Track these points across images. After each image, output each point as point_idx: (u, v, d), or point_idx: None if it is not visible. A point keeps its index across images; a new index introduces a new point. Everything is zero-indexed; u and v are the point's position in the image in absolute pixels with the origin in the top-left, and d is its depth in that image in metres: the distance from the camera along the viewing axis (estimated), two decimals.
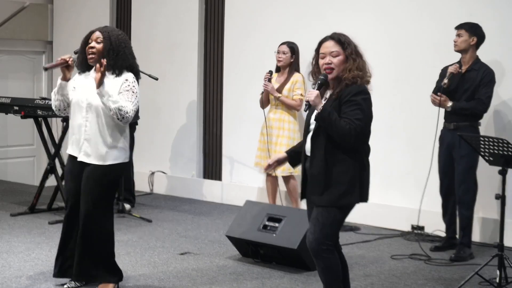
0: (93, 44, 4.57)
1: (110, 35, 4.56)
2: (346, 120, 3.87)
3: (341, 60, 3.98)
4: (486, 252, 6.00)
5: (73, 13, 9.81)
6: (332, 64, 3.98)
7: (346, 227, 6.96)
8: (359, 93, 3.96)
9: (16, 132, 9.78)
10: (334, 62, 3.98)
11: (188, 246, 6.20)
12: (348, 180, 3.96)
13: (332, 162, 3.93)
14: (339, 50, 4.00)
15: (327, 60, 3.99)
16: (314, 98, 3.89)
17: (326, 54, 4.00)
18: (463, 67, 5.98)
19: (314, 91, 3.91)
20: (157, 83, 7.48)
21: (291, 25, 7.61)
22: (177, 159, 8.79)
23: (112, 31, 4.64)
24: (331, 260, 4.01)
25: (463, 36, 5.93)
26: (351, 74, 3.95)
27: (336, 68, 3.97)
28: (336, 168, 3.93)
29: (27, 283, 5.02)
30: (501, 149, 4.75)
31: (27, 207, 7.37)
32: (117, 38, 4.58)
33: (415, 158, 6.89)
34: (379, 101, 7.14)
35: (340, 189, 3.95)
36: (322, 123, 3.91)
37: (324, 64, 3.99)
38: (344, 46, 4.01)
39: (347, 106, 3.91)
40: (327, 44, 4.03)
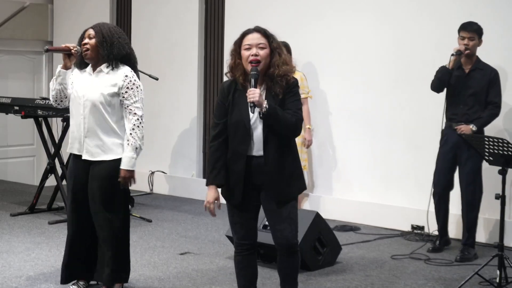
0: (86, 41, 4.55)
1: (102, 29, 4.54)
2: (289, 112, 3.87)
3: (267, 53, 3.90)
4: (486, 252, 6.00)
5: (73, 13, 9.81)
6: (259, 56, 3.87)
7: (346, 227, 6.97)
8: (296, 85, 3.96)
9: (16, 132, 9.78)
10: (261, 54, 3.88)
11: (188, 246, 6.20)
12: (298, 169, 4.04)
13: (285, 156, 3.96)
14: (266, 43, 3.91)
15: (254, 52, 3.88)
16: (259, 97, 3.77)
17: (252, 46, 3.89)
18: (465, 68, 5.93)
19: (256, 90, 3.79)
20: (157, 83, 7.48)
21: (291, 25, 7.61)
22: (177, 159, 8.79)
23: (104, 25, 4.61)
24: (299, 253, 4.09)
25: (475, 40, 5.86)
26: (282, 70, 3.88)
27: (263, 60, 3.88)
28: (289, 161, 3.97)
29: (27, 283, 5.02)
30: (501, 149, 4.75)
31: (27, 207, 7.37)
32: (109, 30, 4.55)
33: (415, 158, 6.89)
34: (379, 101, 7.18)
35: (297, 180, 4.02)
36: (271, 120, 3.84)
37: (250, 56, 3.87)
38: (269, 39, 3.93)
39: (289, 98, 3.91)
40: (253, 35, 3.92)
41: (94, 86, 4.53)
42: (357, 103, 7.29)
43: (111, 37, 4.52)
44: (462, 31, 5.90)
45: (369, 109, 7.21)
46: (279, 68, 3.88)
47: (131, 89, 4.51)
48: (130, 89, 4.50)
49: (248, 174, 3.95)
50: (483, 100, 5.87)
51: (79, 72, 4.68)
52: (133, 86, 4.51)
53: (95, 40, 4.51)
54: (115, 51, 4.52)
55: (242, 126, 3.92)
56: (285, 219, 3.95)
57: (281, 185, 3.94)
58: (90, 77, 4.59)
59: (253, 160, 3.93)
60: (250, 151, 3.93)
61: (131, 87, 4.51)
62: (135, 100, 4.51)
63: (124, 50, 4.57)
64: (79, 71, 4.68)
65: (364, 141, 7.26)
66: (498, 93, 5.89)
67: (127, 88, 4.50)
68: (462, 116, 5.89)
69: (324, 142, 7.52)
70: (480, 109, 5.87)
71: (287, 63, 3.93)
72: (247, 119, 3.91)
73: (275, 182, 3.93)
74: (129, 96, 4.50)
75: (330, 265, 5.58)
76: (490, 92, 5.86)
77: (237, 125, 3.94)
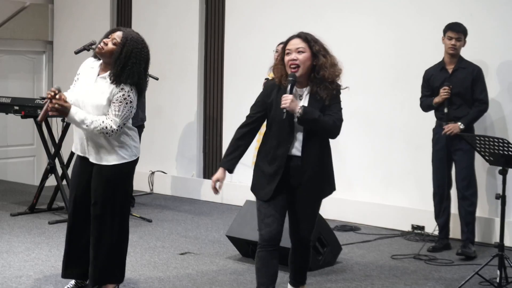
0: (107, 41, 4.40)
1: (126, 43, 4.34)
2: (330, 113, 3.99)
3: (307, 57, 3.99)
4: (486, 252, 6.00)
5: (73, 13, 9.81)
6: (297, 61, 3.97)
7: (346, 227, 6.97)
8: (339, 90, 4.11)
9: (16, 132, 9.78)
10: (300, 59, 3.97)
11: (188, 246, 6.20)
12: (332, 169, 4.23)
13: (324, 156, 4.15)
14: (305, 47, 4.00)
15: (293, 56, 3.98)
16: (290, 103, 3.91)
17: (292, 51, 4.00)
18: (449, 68, 6.02)
19: (288, 96, 3.91)
20: (157, 83, 7.48)
21: (291, 25, 7.58)
22: (177, 159, 8.79)
23: (132, 40, 4.37)
24: None
25: (462, 40, 5.96)
26: (329, 72, 3.99)
27: (302, 64, 3.98)
28: (326, 161, 4.16)
29: (27, 283, 5.01)
30: (501, 149, 4.75)
31: (27, 207, 7.37)
32: (132, 50, 4.35)
33: (415, 158, 6.89)
34: (379, 101, 7.18)
35: (331, 180, 4.22)
36: (307, 125, 3.98)
37: (289, 60, 3.98)
38: (310, 44, 4.01)
39: (333, 101, 4.05)
40: (293, 41, 4.03)
41: (95, 91, 4.46)
42: (357, 103, 7.28)
43: (127, 58, 4.34)
44: (449, 31, 5.97)
45: (369, 109, 7.21)
46: (328, 70, 3.99)
47: (119, 102, 4.37)
48: (117, 102, 4.38)
49: (287, 173, 4.08)
50: (469, 98, 5.94)
51: (89, 65, 4.56)
52: (123, 100, 4.37)
53: (114, 49, 4.36)
54: (124, 76, 4.37)
55: (285, 127, 4.04)
56: (308, 216, 4.18)
57: (318, 184, 4.13)
58: (93, 79, 4.49)
59: (293, 159, 4.07)
60: (290, 151, 4.06)
61: (120, 101, 4.37)
62: (116, 113, 4.37)
63: (133, 79, 4.40)
64: (89, 64, 4.56)
65: (364, 141, 7.27)
66: (483, 89, 5.95)
67: (115, 100, 4.38)
68: (451, 115, 5.95)
69: None
70: (467, 107, 5.94)
71: (334, 65, 4.02)
72: (291, 119, 4.00)
73: (313, 181, 4.09)
74: (113, 107, 4.38)
75: (330, 265, 5.58)
76: (475, 89, 5.93)
77: (280, 125, 4.05)
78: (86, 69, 4.59)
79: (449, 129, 5.90)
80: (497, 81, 6.39)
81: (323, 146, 4.12)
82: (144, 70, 4.48)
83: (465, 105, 5.94)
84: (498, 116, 6.40)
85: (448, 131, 5.90)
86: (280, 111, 3.97)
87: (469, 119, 5.92)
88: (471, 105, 5.94)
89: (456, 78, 5.96)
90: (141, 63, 4.42)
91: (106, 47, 4.41)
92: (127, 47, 4.36)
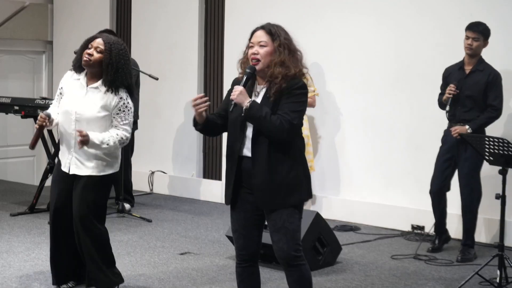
0: (91, 52, 4.42)
1: (112, 48, 4.39)
2: (279, 113, 3.62)
3: (268, 52, 3.71)
4: (486, 252, 6.00)
5: (73, 13, 9.81)
6: (258, 55, 3.71)
7: (346, 227, 6.97)
8: (300, 87, 3.69)
9: (16, 132, 9.77)
10: (261, 53, 3.71)
11: (188, 246, 6.20)
12: (296, 180, 3.72)
13: (279, 161, 3.68)
14: (268, 41, 3.73)
15: (254, 50, 3.73)
16: (237, 95, 3.63)
17: (254, 44, 3.76)
18: (466, 68, 5.89)
19: (238, 88, 3.65)
20: (157, 83, 7.48)
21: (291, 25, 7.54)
22: (177, 159, 8.79)
23: (115, 43, 4.44)
24: (306, 267, 3.78)
25: (479, 41, 5.79)
26: (277, 71, 3.66)
27: (262, 59, 3.70)
28: (283, 167, 3.68)
29: (27, 283, 5.01)
30: (501, 149, 4.75)
31: (27, 207, 7.37)
32: (119, 53, 4.41)
33: (415, 158, 6.89)
34: (379, 101, 7.18)
35: (294, 190, 3.71)
36: (251, 121, 3.65)
37: (251, 54, 3.74)
38: (273, 37, 3.73)
39: (285, 99, 3.66)
40: (257, 33, 3.78)
41: (88, 103, 4.46)
42: (357, 103, 7.29)
43: (118, 61, 4.40)
44: (467, 31, 5.83)
45: (369, 109, 7.21)
46: (273, 69, 3.67)
47: (123, 112, 4.47)
48: (121, 112, 4.46)
49: (240, 175, 3.77)
50: (481, 102, 5.80)
51: (71, 77, 4.58)
52: (125, 109, 4.47)
53: (102, 57, 4.40)
54: (119, 80, 4.42)
55: (237, 123, 3.75)
56: (279, 229, 3.71)
57: (270, 192, 3.68)
58: (82, 90, 4.50)
59: (244, 160, 3.75)
60: (242, 151, 3.74)
61: (123, 110, 4.47)
62: (124, 122, 4.49)
63: (126, 81, 4.47)
64: (71, 77, 4.58)
65: (364, 141, 7.26)
66: (497, 96, 5.78)
67: (119, 110, 4.45)
68: (459, 117, 5.86)
69: (324, 142, 7.52)
70: (479, 111, 5.81)
71: (284, 63, 3.69)
72: (241, 117, 3.71)
73: (263, 188, 3.69)
74: (119, 118, 4.47)
75: (330, 265, 5.58)
76: (489, 95, 5.78)
77: (234, 122, 3.79)
78: (70, 81, 4.58)
79: (456, 131, 5.78)
80: None
81: (279, 150, 3.68)
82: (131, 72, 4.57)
83: (476, 109, 5.80)
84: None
85: (455, 133, 5.79)
86: (239, 108, 3.69)
87: (478, 124, 5.76)
88: (483, 110, 5.80)
89: (471, 80, 5.82)
90: (128, 63, 4.50)
91: (93, 57, 4.42)
92: (114, 52, 4.41)
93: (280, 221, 3.71)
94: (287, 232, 3.71)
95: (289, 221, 3.71)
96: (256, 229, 3.85)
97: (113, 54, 4.39)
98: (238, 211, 3.84)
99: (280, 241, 3.72)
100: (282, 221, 3.71)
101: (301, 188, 3.76)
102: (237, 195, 3.81)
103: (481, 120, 5.79)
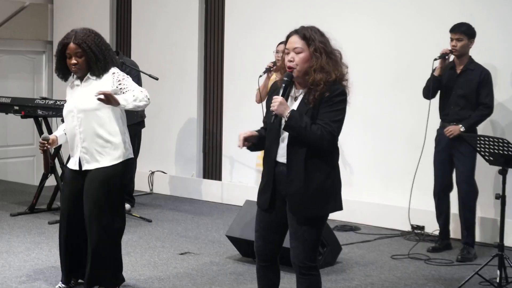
0: (74, 61, 4.46)
1: (90, 46, 4.43)
2: (319, 123, 3.55)
3: (304, 58, 3.61)
4: (486, 252, 6.00)
5: (73, 13, 9.81)
6: (293, 62, 3.61)
7: (346, 227, 6.97)
8: (339, 94, 3.65)
9: (16, 132, 9.78)
10: (296, 60, 3.61)
11: (188, 246, 6.20)
12: (330, 189, 3.69)
13: (315, 169, 3.62)
14: (303, 46, 3.62)
15: (290, 57, 3.63)
16: (278, 106, 3.54)
17: (290, 50, 3.65)
18: (458, 68, 5.98)
19: (278, 98, 3.56)
20: (157, 83, 7.47)
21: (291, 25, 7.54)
22: (177, 159, 8.79)
23: (87, 39, 4.45)
24: (318, 278, 3.76)
25: (464, 41, 5.89)
26: (317, 77, 3.57)
27: (298, 66, 3.61)
28: (319, 175, 3.63)
29: (27, 283, 5.01)
30: (501, 149, 4.75)
31: (27, 207, 7.37)
32: (97, 45, 4.46)
33: (415, 158, 6.88)
34: (379, 101, 7.18)
35: (325, 200, 3.68)
36: (291, 131, 3.58)
37: (287, 62, 3.63)
38: (308, 41, 3.62)
39: (323, 108, 3.60)
40: (292, 39, 3.67)
41: (85, 94, 4.50)
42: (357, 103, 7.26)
43: (101, 52, 4.46)
44: (450, 33, 5.97)
45: (370, 109, 7.21)
46: (314, 75, 3.57)
47: (124, 79, 4.48)
48: (123, 80, 4.48)
49: (275, 181, 3.72)
50: (473, 101, 5.90)
51: (70, 87, 4.68)
52: (124, 76, 4.50)
53: (86, 59, 4.45)
54: (109, 65, 4.51)
55: (275, 129, 3.69)
56: (299, 237, 3.67)
57: (304, 200, 3.62)
58: (79, 88, 4.58)
59: (278, 165, 3.70)
60: (277, 156, 3.69)
61: (123, 78, 4.49)
62: (134, 86, 4.46)
63: (115, 61, 4.57)
64: (70, 87, 4.67)
65: (364, 141, 7.27)
66: (488, 93, 5.89)
67: (119, 82, 4.47)
68: (453, 116, 5.94)
69: None
70: (471, 109, 5.90)
71: (324, 69, 3.59)
72: (279, 122, 3.66)
73: (298, 195, 3.63)
74: (125, 86, 4.46)
75: (330, 265, 5.58)
76: (481, 93, 5.88)
77: (272, 127, 3.73)
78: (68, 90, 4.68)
79: (449, 131, 5.88)
80: (496, 81, 6.38)
81: (315, 157, 3.61)
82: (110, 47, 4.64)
83: (468, 107, 5.90)
84: (498, 116, 6.39)
85: (448, 134, 5.89)
86: (270, 112, 3.64)
87: (471, 123, 5.87)
88: (474, 108, 5.89)
89: (463, 79, 5.92)
90: (107, 45, 4.56)
91: (79, 64, 4.48)
92: (92, 47, 4.45)
93: (301, 230, 3.67)
94: (305, 242, 3.68)
95: (310, 232, 3.67)
96: (278, 234, 3.82)
97: (93, 49, 4.45)
98: (265, 214, 3.79)
99: (297, 248, 3.69)
100: (303, 231, 3.66)
101: (335, 197, 3.73)
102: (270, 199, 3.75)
103: (474, 119, 5.89)
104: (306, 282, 3.74)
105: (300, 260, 3.69)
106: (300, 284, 3.77)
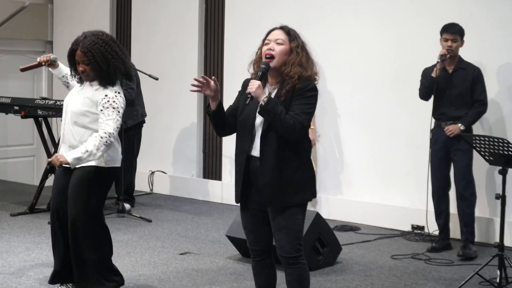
0: (81, 68, 4.48)
1: (94, 55, 4.41)
2: (290, 113, 3.65)
3: (284, 50, 3.75)
4: (486, 252, 6.00)
5: (73, 13, 9.81)
6: (274, 51, 3.73)
7: (346, 227, 6.97)
8: (311, 89, 3.74)
9: (16, 132, 9.78)
10: (276, 50, 3.73)
11: (188, 246, 6.20)
12: (302, 178, 3.78)
13: (286, 160, 3.73)
14: (285, 40, 3.77)
15: (270, 46, 3.75)
16: (256, 89, 3.63)
17: (271, 41, 3.78)
18: (449, 68, 6.02)
19: (256, 81, 3.65)
20: (157, 83, 7.47)
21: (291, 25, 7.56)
22: (177, 159, 8.79)
23: (93, 48, 4.42)
24: (305, 266, 3.83)
25: (458, 41, 5.95)
26: (294, 70, 3.69)
27: (277, 56, 3.72)
28: (290, 167, 3.74)
29: (27, 283, 5.01)
30: (501, 149, 4.75)
31: (27, 207, 7.37)
32: (102, 54, 4.42)
33: (415, 158, 6.89)
34: (379, 101, 7.18)
35: (299, 189, 3.77)
36: (267, 116, 3.66)
37: (266, 50, 3.75)
38: (291, 37, 3.79)
39: (295, 100, 3.70)
40: (275, 32, 3.82)
41: (78, 97, 4.53)
42: (358, 103, 7.29)
43: (105, 62, 4.42)
44: (445, 33, 5.98)
45: (369, 109, 7.21)
46: (291, 67, 3.71)
47: (106, 109, 4.42)
48: (105, 109, 4.42)
49: (248, 174, 3.82)
50: (469, 98, 5.97)
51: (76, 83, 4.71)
52: (109, 106, 4.42)
53: (91, 68, 4.45)
54: (113, 77, 4.48)
55: (248, 122, 3.79)
56: (281, 229, 3.76)
57: (277, 190, 3.72)
58: (77, 88, 4.62)
59: (252, 160, 3.79)
60: (250, 150, 3.79)
61: (107, 107, 4.42)
62: (107, 118, 4.41)
63: (121, 71, 4.51)
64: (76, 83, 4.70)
65: (364, 141, 7.26)
66: (482, 90, 5.97)
67: (102, 107, 4.43)
68: (449, 115, 5.99)
69: (324, 142, 7.52)
70: (466, 107, 5.97)
71: (301, 64, 3.74)
72: (253, 115, 3.77)
73: (270, 186, 3.72)
74: (103, 115, 4.43)
75: (330, 265, 5.58)
76: (475, 90, 5.95)
77: (244, 121, 3.83)
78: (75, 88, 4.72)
79: (449, 130, 5.92)
80: (496, 81, 6.39)
81: (288, 149, 3.72)
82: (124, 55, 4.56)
83: (464, 106, 5.96)
84: (497, 117, 6.40)
85: (449, 133, 5.92)
86: (249, 107, 3.75)
87: (469, 121, 5.94)
88: (469, 106, 5.96)
89: (456, 78, 5.98)
90: (114, 54, 4.48)
91: (86, 71, 4.48)
92: (97, 55, 4.42)
93: (283, 220, 3.76)
94: (289, 232, 3.76)
95: (292, 221, 3.76)
96: (265, 226, 3.88)
97: (97, 59, 4.42)
98: (247, 209, 3.90)
99: (282, 240, 3.77)
100: (285, 221, 3.75)
101: (307, 187, 3.81)
102: (245, 194, 3.86)
103: (472, 117, 5.96)
104: (296, 271, 3.81)
105: (287, 251, 3.76)
106: (290, 275, 3.83)
